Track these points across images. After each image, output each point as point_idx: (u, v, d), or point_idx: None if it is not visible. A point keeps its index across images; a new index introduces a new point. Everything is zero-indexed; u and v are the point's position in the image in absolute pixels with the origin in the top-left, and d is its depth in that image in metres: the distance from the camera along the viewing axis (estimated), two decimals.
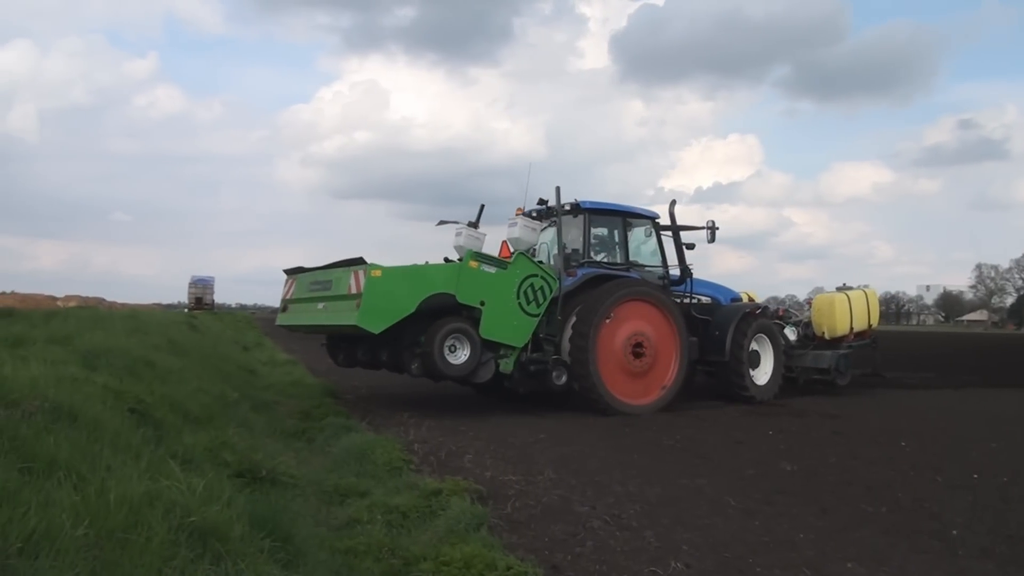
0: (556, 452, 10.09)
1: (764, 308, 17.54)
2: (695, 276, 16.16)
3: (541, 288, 13.32)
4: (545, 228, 15.27)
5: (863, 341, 19.04)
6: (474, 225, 14.62)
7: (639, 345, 14.08)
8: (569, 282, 14.00)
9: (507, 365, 13.10)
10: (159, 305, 62.44)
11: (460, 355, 12.50)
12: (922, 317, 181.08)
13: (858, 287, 19.28)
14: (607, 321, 13.72)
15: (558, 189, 14.59)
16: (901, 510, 7.61)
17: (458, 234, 14.27)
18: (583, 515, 7.15)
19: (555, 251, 14.85)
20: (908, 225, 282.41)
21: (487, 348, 12.85)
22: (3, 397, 5.30)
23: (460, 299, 12.57)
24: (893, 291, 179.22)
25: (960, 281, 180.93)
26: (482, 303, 12.74)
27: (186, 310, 49.87)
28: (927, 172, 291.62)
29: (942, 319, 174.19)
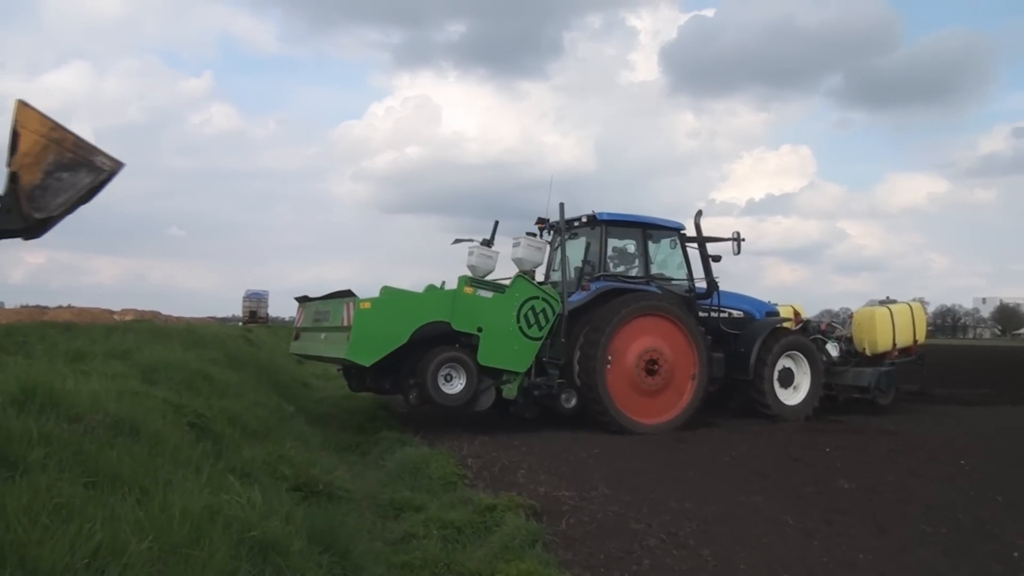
0: (610, 468, 10.02)
1: (804, 323, 17.12)
2: (731, 290, 15.84)
3: (543, 311, 12.93)
4: (568, 241, 15.04)
5: (908, 357, 18.11)
6: (488, 243, 14.32)
7: (653, 362, 13.57)
8: (580, 297, 13.67)
9: (510, 391, 12.79)
10: (214, 319, 63.09)
11: (456, 384, 12.22)
12: (978, 331, 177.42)
13: (910, 300, 18.69)
14: (615, 339, 13.29)
15: (562, 205, 14.24)
16: (961, 531, 7.43)
17: (470, 253, 13.86)
18: (639, 532, 7.10)
19: (575, 266, 14.72)
20: (964, 236, 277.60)
21: (487, 375, 12.60)
22: (66, 411, 5.37)
23: (456, 326, 12.35)
24: (948, 304, 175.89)
25: (1017, 293, 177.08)
26: (479, 329, 12.51)
27: (241, 324, 50.37)
28: (982, 182, 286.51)
29: (998, 332, 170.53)
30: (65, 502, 3.91)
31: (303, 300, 14.84)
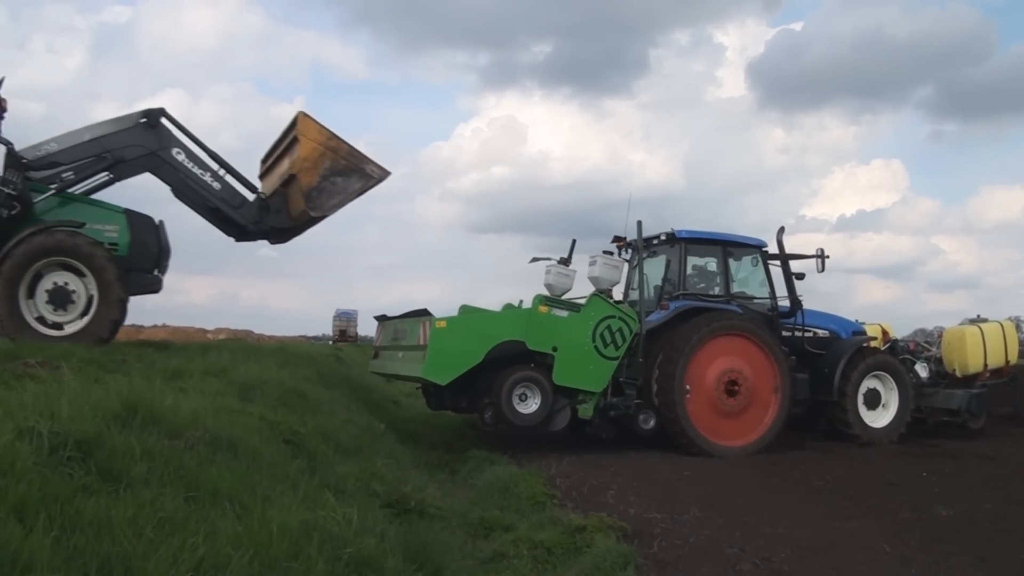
0: (701, 490, 9.89)
1: (892, 343, 16.53)
2: (821, 308, 15.47)
3: (620, 330, 12.73)
4: (646, 259, 14.83)
5: (1000, 379, 17.11)
6: (566, 262, 14.20)
7: (733, 383, 13.26)
8: (659, 316, 13.46)
9: (586, 411, 12.63)
10: (304, 337, 64.21)
11: (531, 404, 12.14)
12: None
13: (1003, 319, 17.94)
14: (693, 361, 13.03)
15: (639, 223, 14.04)
16: None
17: (547, 271, 13.84)
18: (732, 557, 6.99)
19: (654, 284, 14.55)
20: None
21: (562, 395, 12.47)
22: (166, 428, 5.50)
23: (530, 346, 12.25)
24: None
25: None
26: (554, 348, 12.37)
27: (331, 342, 51.15)
28: None
29: None
30: (168, 516, 4.01)
31: (382, 319, 15.02)
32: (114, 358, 9.32)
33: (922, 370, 16.41)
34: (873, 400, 14.93)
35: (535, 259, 14.60)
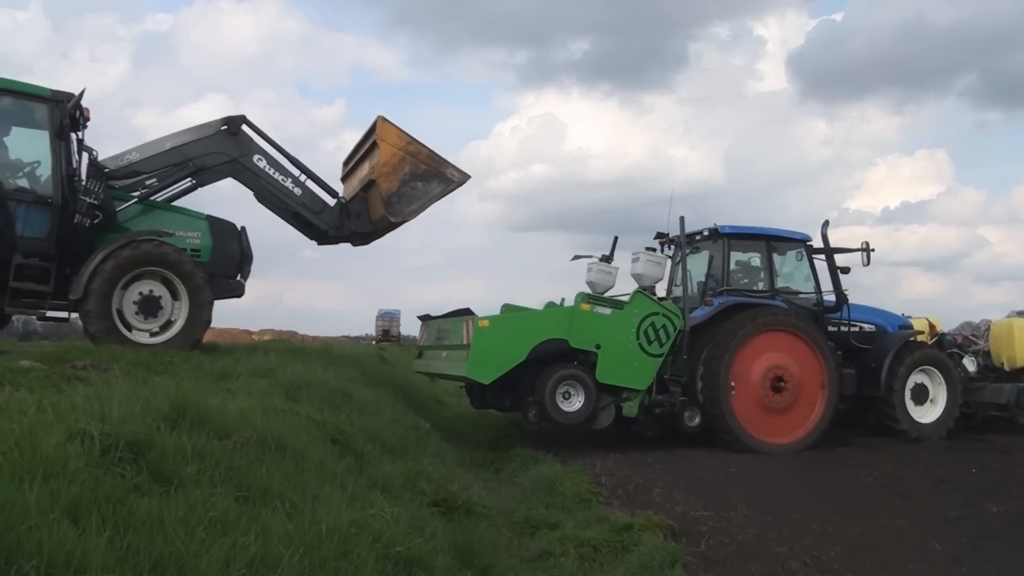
0: (748, 487, 9.81)
1: (940, 336, 16.36)
2: (866, 303, 15.32)
3: (663, 327, 12.64)
4: (689, 256, 14.63)
5: None
6: (607, 259, 14.20)
7: (779, 379, 13.14)
8: (703, 312, 13.38)
9: (630, 409, 12.57)
10: (347, 338, 64.51)
11: (575, 402, 12.13)
12: None
13: None
14: (738, 358, 12.94)
15: (682, 219, 13.89)
16: None
17: (589, 269, 13.82)
18: (781, 556, 6.93)
19: (698, 280, 14.46)
20: None
21: (606, 393, 12.42)
22: (215, 428, 5.54)
23: (573, 344, 12.24)
24: None
25: None
26: (598, 346, 12.32)
27: (374, 342, 51.40)
28: None
29: None
30: (219, 516, 4.05)
31: (425, 319, 15.07)
32: (161, 360, 9.41)
33: (970, 364, 16.13)
34: (921, 395, 14.71)
35: (577, 257, 14.59)
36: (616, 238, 14.81)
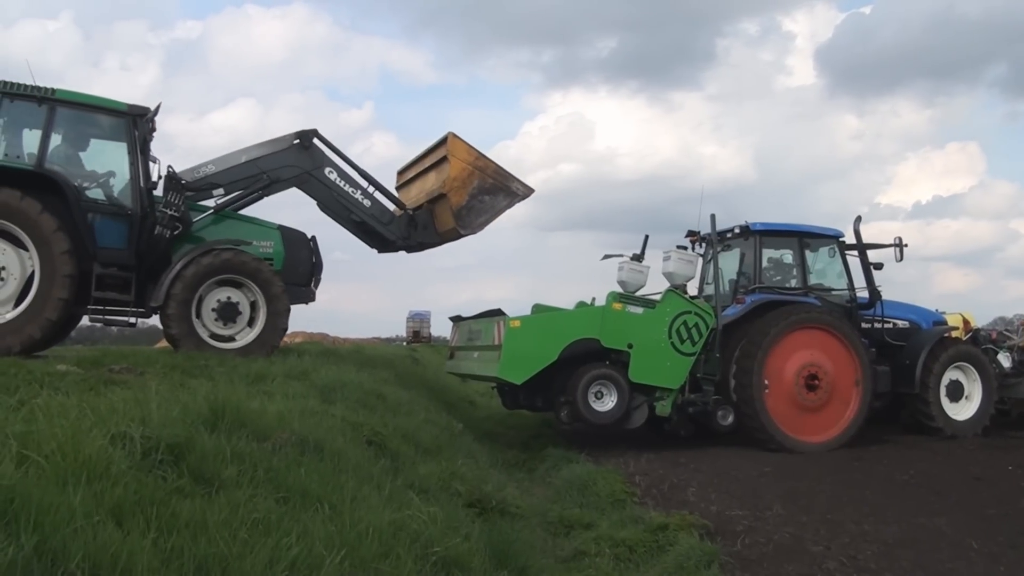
0: (783, 486, 9.76)
1: (974, 332, 16.16)
2: (898, 299, 15.12)
3: (696, 325, 12.59)
4: (720, 253, 14.58)
5: None
6: (638, 258, 14.08)
7: (813, 377, 13.01)
8: (736, 310, 13.32)
9: (663, 408, 12.51)
10: (378, 339, 64.69)
11: (607, 401, 12.08)
12: None
13: None
14: (771, 356, 12.84)
15: (713, 217, 13.89)
16: None
17: (620, 268, 13.63)
18: (817, 555, 6.89)
19: (730, 278, 14.40)
20: None
21: (639, 392, 12.37)
22: (254, 431, 5.60)
23: (605, 343, 12.20)
24: None
25: None
26: (630, 345, 12.27)
27: (405, 343, 51.54)
28: None
29: None
30: (262, 517, 4.10)
31: (457, 320, 15.10)
32: (197, 363, 9.51)
33: (1005, 360, 15.90)
34: (956, 392, 14.53)
35: (607, 256, 14.48)
36: (647, 236, 14.73)
